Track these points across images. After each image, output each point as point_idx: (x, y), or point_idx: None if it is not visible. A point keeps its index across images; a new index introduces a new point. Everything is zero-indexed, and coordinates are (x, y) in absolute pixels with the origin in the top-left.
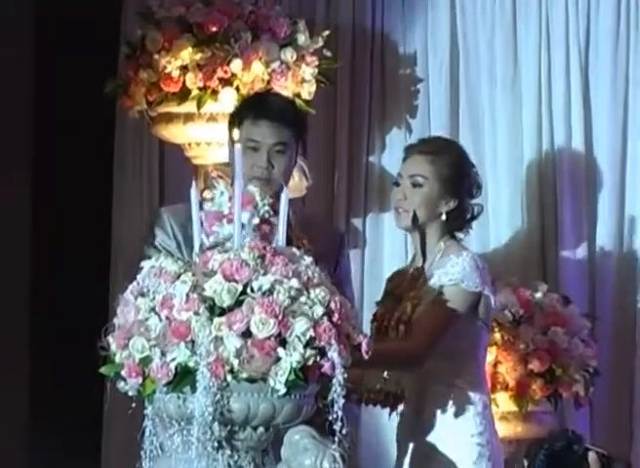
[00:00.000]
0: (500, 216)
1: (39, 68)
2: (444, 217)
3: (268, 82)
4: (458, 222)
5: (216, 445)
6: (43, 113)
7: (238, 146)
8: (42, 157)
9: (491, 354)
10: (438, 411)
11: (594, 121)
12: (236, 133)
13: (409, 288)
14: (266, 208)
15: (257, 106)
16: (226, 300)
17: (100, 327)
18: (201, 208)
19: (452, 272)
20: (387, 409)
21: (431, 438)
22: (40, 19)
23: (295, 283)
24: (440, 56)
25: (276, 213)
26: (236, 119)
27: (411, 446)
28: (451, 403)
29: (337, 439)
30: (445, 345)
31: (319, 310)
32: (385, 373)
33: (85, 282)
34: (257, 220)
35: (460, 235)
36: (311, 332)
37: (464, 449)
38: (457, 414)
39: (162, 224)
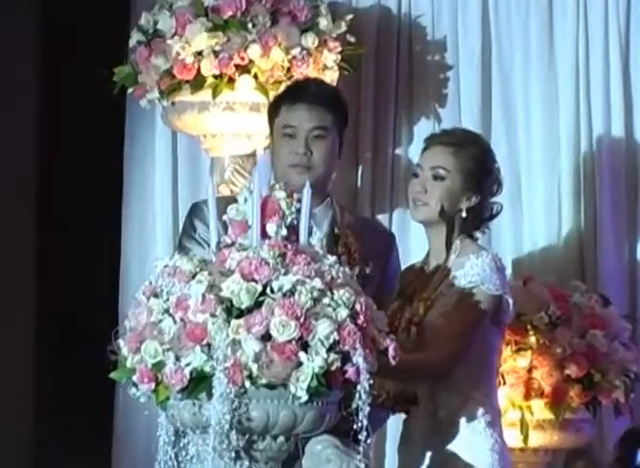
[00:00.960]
0: (535, 212)
1: (44, 55)
2: (464, 214)
3: (288, 69)
4: (476, 221)
5: (233, 455)
6: (49, 104)
7: (260, 153)
8: (48, 150)
9: (525, 358)
10: (453, 422)
11: (635, 107)
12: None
13: (421, 287)
14: (294, 215)
15: (293, 91)
16: (245, 301)
17: (108, 326)
18: (226, 211)
19: (471, 273)
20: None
21: (447, 447)
22: (46, 5)
23: (317, 283)
24: (471, 40)
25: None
26: (273, 109)
27: (426, 453)
28: (466, 414)
29: (361, 449)
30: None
31: (343, 312)
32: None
33: (93, 281)
34: (284, 231)
35: (476, 234)
36: (335, 336)
37: (479, 462)
38: (471, 427)
39: (202, 216)
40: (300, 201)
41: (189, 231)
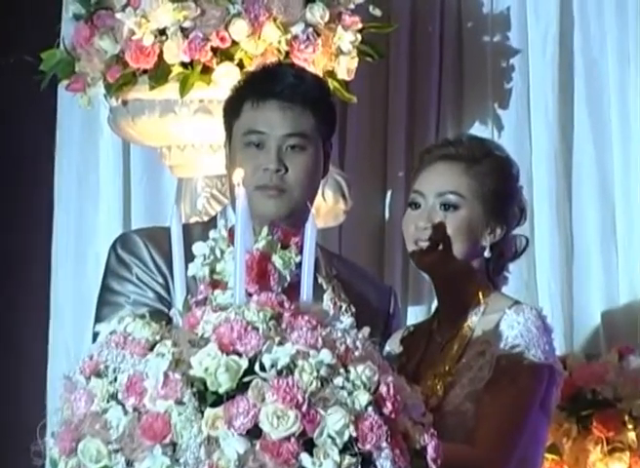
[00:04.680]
0: (636, 253)
1: None
2: (488, 253)
3: (287, 54)
4: (499, 262)
5: None
6: None
7: (241, 190)
8: None
9: (622, 463)
10: None
11: None
12: (239, 173)
13: (433, 359)
14: (296, 271)
15: (260, 82)
16: (224, 383)
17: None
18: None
19: (512, 335)
20: None
21: None
22: None
23: (326, 356)
24: (545, 17)
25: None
26: (233, 107)
27: None
28: None
29: None
30: None
31: (363, 397)
32: None
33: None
34: (286, 305)
35: (497, 280)
36: (351, 431)
37: None
38: None
39: (136, 252)
40: (302, 251)
41: (119, 270)
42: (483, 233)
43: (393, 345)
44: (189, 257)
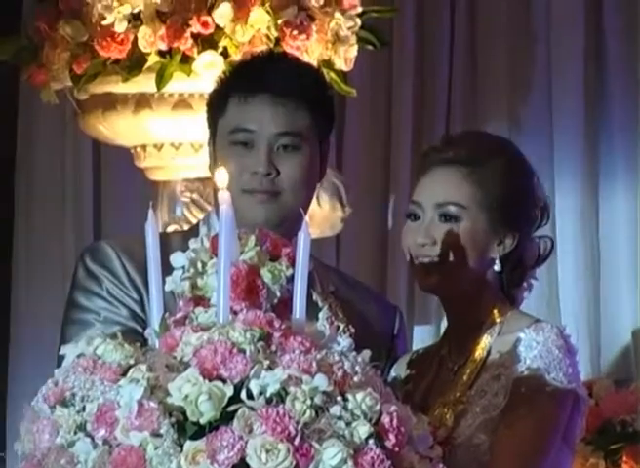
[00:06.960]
0: None
1: None
2: (497, 267)
3: (278, 41)
4: (516, 273)
5: None
6: None
7: (225, 195)
8: None
9: None
10: None
11: None
12: (222, 174)
13: (442, 387)
14: (288, 285)
15: (249, 74)
16: (206, 412)
17: None
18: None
19: (530, 357)
20: None
21: None
22: None
23: (322, 382)
24: None
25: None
26: (217, 101)
27: None
28: None
29: None
30: None
31: (363, 429)
32: None
33: None
34: (276, 324)
35: (516, 293)
36: (350, 466)
37: None
38: None
39: (108, 263)
40: (294, 263)
41: (88, 284)
42: (490, 244)
43: (400, 371)
44: (167, 270)
